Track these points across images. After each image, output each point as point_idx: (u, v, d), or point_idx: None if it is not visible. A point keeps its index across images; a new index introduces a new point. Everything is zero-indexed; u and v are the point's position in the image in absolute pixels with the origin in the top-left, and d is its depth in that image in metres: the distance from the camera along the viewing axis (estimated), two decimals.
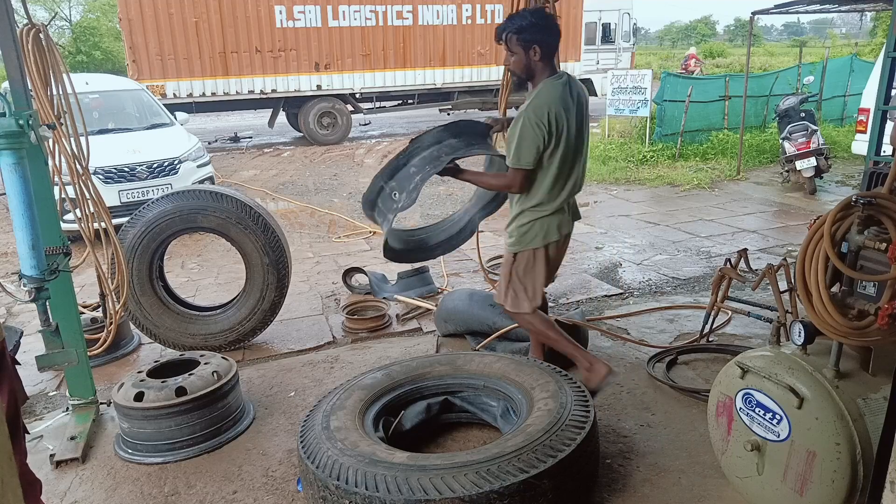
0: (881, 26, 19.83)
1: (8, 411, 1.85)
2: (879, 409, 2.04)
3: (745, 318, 4.33)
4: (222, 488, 2.81)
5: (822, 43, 38.93)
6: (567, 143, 2.94)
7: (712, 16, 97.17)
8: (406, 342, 4.33)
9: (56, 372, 3.87)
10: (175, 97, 12.84)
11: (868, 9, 11.97)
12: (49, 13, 22.21)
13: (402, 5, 14.77)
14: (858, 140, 8.08)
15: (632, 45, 19.30)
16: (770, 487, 2.29)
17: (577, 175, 3.09)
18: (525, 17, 2.98)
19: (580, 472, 2.41)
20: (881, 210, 1.99)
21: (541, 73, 3.01)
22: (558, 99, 2.90)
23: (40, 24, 3.10)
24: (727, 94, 11.43)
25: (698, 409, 3.27)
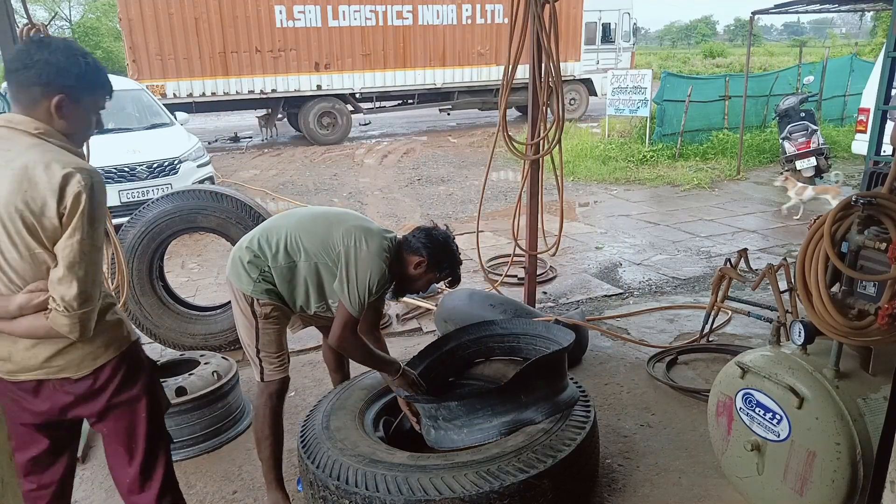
0: (881, 26, 19.82)
1: (147, 415, 1.87)
2: (879, 409, 2.04)
3: (745, 318, 4.33)
4: (222, 488, 2.81)
5: (822, 43, 38.94)
6: None
7: (712, 16, 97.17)
8: (406, 342, 4.33)
9: None
10: (175, 97, 12.84)
11: (868, 9, 11.97)
12: (49, 13, 22.23)
13: (402, 5, 14.76)
14: (858, 140, 8.07)
15: (632, 45, 19.29)
16: (770, 487, 2.29)
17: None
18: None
19: (580, 472, 2.41)
20: (881, 210, 1.99)
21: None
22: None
23: (40, 24, 3.10)
24: (727, 94, 11.42)
25: (698, 409, 3.27)
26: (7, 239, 1.58)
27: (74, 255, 1.58)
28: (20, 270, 1.61)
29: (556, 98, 4.14)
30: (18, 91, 1.63)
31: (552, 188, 5.95)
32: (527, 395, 2.48)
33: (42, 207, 1.55)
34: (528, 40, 4.00)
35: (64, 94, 1.64)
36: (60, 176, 1.55)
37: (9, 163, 1.57)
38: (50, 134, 1.64)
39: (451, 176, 10.45)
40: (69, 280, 1.58)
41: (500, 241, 6.58)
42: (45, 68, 1.61)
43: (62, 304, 1.58)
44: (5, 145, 1.60)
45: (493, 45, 15.69)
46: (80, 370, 1.73)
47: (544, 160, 4.44)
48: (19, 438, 1.83)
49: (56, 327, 1.61)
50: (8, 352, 1.70)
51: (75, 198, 1.56)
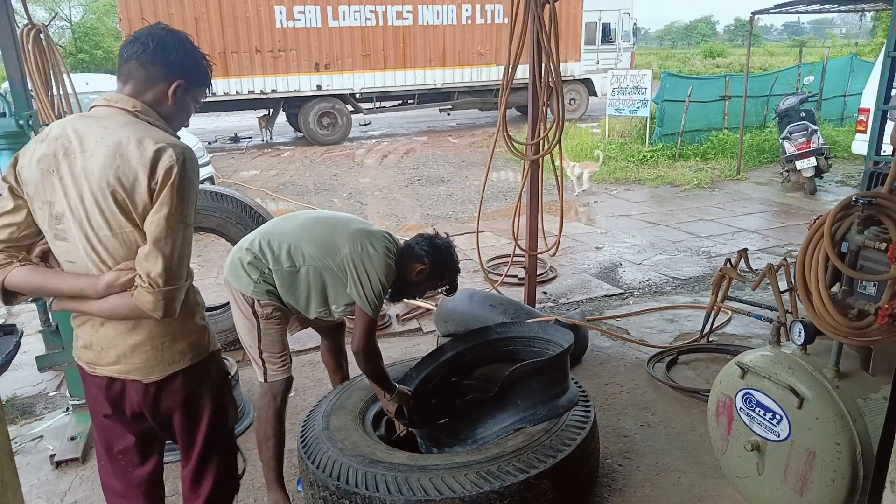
0: (881, 26, 19.82)
1: (207, 427, 1.83)
2: (879, 409, 2.04)
3: (745, 318, 4.33)
4: None
5: (822, 43, 38.93)
6: None
7: (712, 16, 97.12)
8: (406, 342, 4.33)
9: (56, 372, 3.86)
10: None
11: (868, 9, 11.97)
12: (49, 13, 22.22)
13: (402, 5, 14.76)
14: (858, 140, 8.07)
15: (632, 45, 19.30)
16: (770, 487, 2.29)
17: None
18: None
19: (580, 472, 2.42)
20: (881, 210, 1.99)
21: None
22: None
23: (40, 25, 3.11)
24: (727, 94, 11.42)
25: (698, 409, 3.27)
26: (100, 215, 1.55)
27: (161, 229, 1.53)
28: (111, 249, 1.58)
29: (556, 98, 4.14)
30: (139, 68, 1.62)
31: (552, 188, 5.96)
32: (524, 400, 2.49)
33: (133, 183, 1.52)
34: (528, 40, 4.00)
35: (183, 80, 1.66)
36: (152, 151, 1.53)
37: (104, 139, 1.55)
38: (147, 113, 1.63)
39: (451, 176, 10.45)
40: (154, 255, 1.53)
41: (500, 241, 6.58)
42: (175, 52, 1.64)
43: (147, 280, 1.53)
44: (103, 123, 1.59)
45: (493, 45, 15.69)
46: (151, 375, 1.69)
47: (544, 160, 4.44)
48: (103, 431, 1.81)
49: (140, 305, 1.55)
50: (90, 338, 1.69)
51: (166, 172, 1.53)
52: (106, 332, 1.66)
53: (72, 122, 1.61)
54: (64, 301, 1.67)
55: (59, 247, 1.62)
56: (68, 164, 1.56)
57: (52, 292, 1.66)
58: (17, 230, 1.62)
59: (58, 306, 1.69)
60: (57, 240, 1.61)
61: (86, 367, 1.74)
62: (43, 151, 1.58)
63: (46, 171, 1.57)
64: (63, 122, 1.63)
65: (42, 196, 1.59)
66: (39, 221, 1.62)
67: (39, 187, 1.58)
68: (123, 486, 1.85)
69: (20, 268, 1.62)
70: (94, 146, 1.55)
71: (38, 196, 1.59)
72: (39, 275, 1.63)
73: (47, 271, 1.64)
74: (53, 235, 1.61)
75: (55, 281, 1.63)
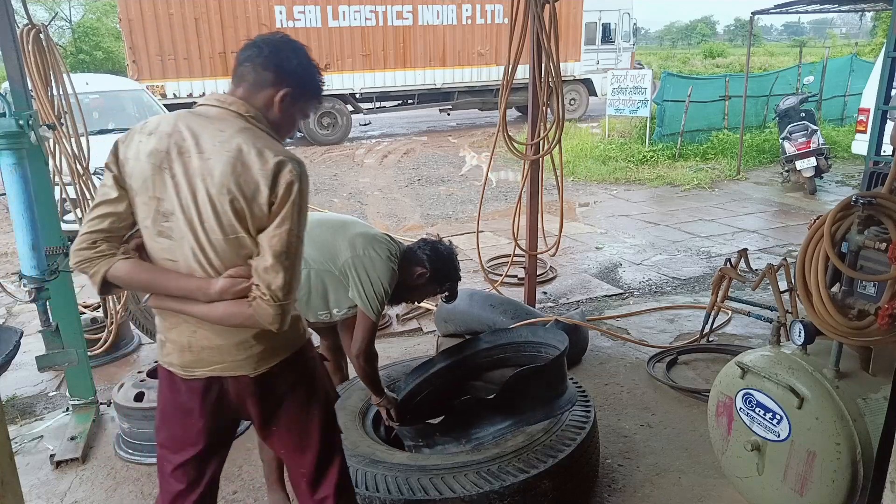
0: (881, 26, 19.81)
1: (320, 412, 1.82)
2: (879, 409, 2.04)
3: (745, 318, 4.33)
4: (222, 488, 2.78)
5: (822, 43, 38.92)
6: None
7: (712, 16, 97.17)
8: (406, 342, 4.33)
9: (56, 372, 3.86)
10: (175, 97, 12.83)
11: (868, 9, 11.97)
12: (49, 13, 22.20)
13: (402, 5, 14.76)
14: (858, 140, 8.07)
15: (632, 45, 19.29)
16: (770, 487, 2.29)
17: None
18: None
19: (580, 472, 2.42)
20: (881, 210, 1.99)
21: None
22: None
23: (40, 25, 3.11)
24: (727, 94, 11.42)
25: (698, 409, 3.27)
26: (214, 218, 1.53)
27: (283, 245, 1.53)
28: (220, 252, 1.56)
29: (556, 98, 4.14)
30: (251, 71, 1.63)
31: (552, 188, 5.95)
32: (522, 402, 2.48)
33: (254, 193, 1.52)
34: (528, 40, 4.00)
35: (291, 89, 1.64)
36: (273, 163, 1.52)
37: (223, 143, 1.53)
38: (259, 119, 1.62)
39: (451, 176, 10.45)
40: (276, 270, 1.53)
41: (500, 241, 6.58)
42: (289, 61, 1.64)
43: (268, 294, 1.53)
44: (218, 125, 1.57)
45: (493, 45, 15.69)
46: (259, 367, 1.68)
47: (544, 160, 4.44)
48: (175, 439, 1.77)
49: (259, 317, 1.55)
50: (188, 340, 1.65)
51: (287, 187, 1.52)
52: (205, 332, 1.64)
53: (183, 118, 1.59)
54: (166, 300, 1.63)
55: (161, 243, 1.59)
56: (182, 163, 1.54)
57: (158, 290, 1.62)
58: (118, 220, 1.60)
59: (157, 303, 1.65)
60: (160, 237, 1.59)
61: (181, 372, 1.69)
62: (154, 146, 1.56)
63: (158, 166, 1.55)
64: (173, 117, 1.61)
65: (150, 191, 1.56)
66: (141, 216, 1.59)
67: (148, 182, 1.55)
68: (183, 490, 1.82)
69: (125, 261, 1.59)
70: (212, 149, 1.53)
71: (145, 191, 1.56)
72: (146, 271, 1.61)
73: (154, 268, 1.61)
74: (157, 232, 1.58)
75: (163, 279, 1.60)
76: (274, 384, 1.72)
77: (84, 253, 1.58)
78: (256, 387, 1.70)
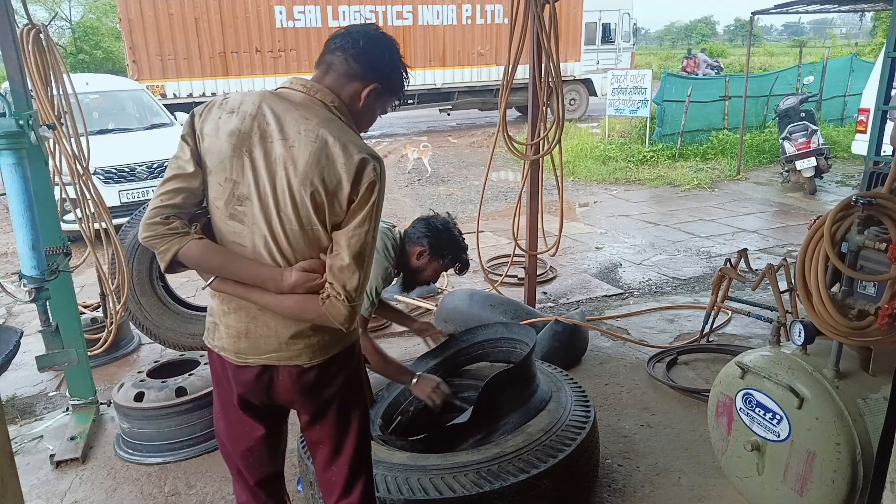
0: (881, 26, 19.80)
1: (360, 415, 1.81)
2: (879, 409, 2.04)
3: (745, 318, 4.33)
4: (222, 488, 2.81)
5: (822, 43, 38.91)
6: None
7: (712, 16, 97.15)
8: (406, 342, 4.33)
9: (56, 372, 3.87)
10: (175, 97, 12.83)
11: (868, 9, 11.97)
12: (49, 13, 22.19)
13: (402, 5, 14.76)
14: (858, 140, 8.08)
15: (632, 45, 19.29)
16: (770, 487, 2.29)
17: None
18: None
19: (580, 472, 2.41)
20: (881, 210, 1.99)
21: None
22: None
23: (40, 25, 3.10)
24: (727, 94, 11.43)
25: (698, 409, 3.27)
26: (292, 208, 1.50)
27: (362, 245, 1.51)
28: (293, 242, 1.53)
29: (556, 98, 4.14)
30: (343, 62, 1.58)
31: (552, 188, 5.95)
32: (498, 413, 2.47)
33: (336, 188, 1.48)
34: (528, 40, 4.00)
35: (379, 84, 1.62)
36: (357, 160, 1.49)
37: (307, 133, 1.49)
38: (343, 111, 1.59)
39: (451, 176, 10.45)
40: (352, 270, 1.50)
41: (500, 241, 6.58)
42: (381, 56, 1.61)
43: (343, 294, 1.50)
44: (304, 113, 1.52)
45: (493, 45, 15.68)
46: (314, 358, 1.64)
47: (544, 160, 4.44)
48: (232, 427, 1.75)
49: (331, 315, 1.52)
50: (246, 326, 1.61)
51: (369, 186, 1.49)
52: (266, 320, 1.60)
53: (267, 100, 1.54)
54: (232, 285, 1.58)
55: (232, 227, 1.55)
56: (264, 148, 1.50)
57: (229, 276, 1.57)
58: (192, 196, 1.55)
59: (221, 288, 1.61)
60: (231, 220, 1.54)
61: (233, 358, 1.65)
62: (235, 125, 1.51)
63: (238, 148, 1.51)
64: (256, 98, 1.55)
65: (226, 172, 1.52)
66: (214, 196, 1.55)
67: (226, 163, 1.51)
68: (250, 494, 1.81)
69: (198, 241, 1.54)
70: (297, 137, 1.49)
71: (221, 171, 1.52)
72: (219, 255, 1.56)
73: (227, 252, 1.57)
74: (229, 215, 1.54)
75: (235, 265, 1.56)
76: (325, 377, 1.69)
77: (157, 228, 1.52)
78: (308, 378, 1.66)
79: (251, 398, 1.71)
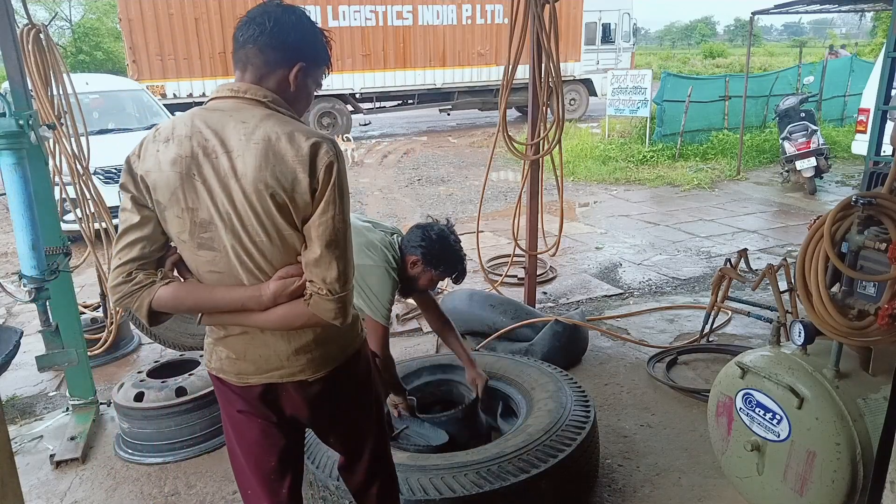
0: (881, 26, 19.81)
1: (375, 417, 1.79)
2: (879, 409, 2.04)
3: (745, 318, 4.33)
4: (222, 488, 2.81)
5: (822, 43, 38.92)
6: None
7: (712, 16, 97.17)
8: (406, 342, 4.32)
9: (56, 372, 3.87)
10: (175, 97, 12.83)
11: (868, 9, 11.96)
12: (49, 13, 22.20)
13: (402, 5, 14.76)
14: (858, 140, 8.07)
15: (632, 45, 19.29)
16: (770, 487, 2.29)
17: None
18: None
19: (580, 472, 2.42)
20: (881, 210, 1.99)
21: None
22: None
23: (40, 25, 3.11)
24: (727, 94, 11.42)
25: (698, 409, 3.27)
26: (255, 220, 1.41)
27: (331, 232, 1.41)
28: (268, 254, 1.45)
29: (556, 98, 4.14)
30: (257, 53, 1.47)
31: (552, 188, 5.95)
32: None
33: (293, 183, 1.39)
34: (528, 40, 4.00)
35: (303, 62, 1.50)
36: (308, 147, 1.39)
37: (248, 136, 1.40)
38: (278, 103, 1.49)
39: (451, 176, 10.45)
40: (328, 261, 1.41)
41: (500, 241, 6.58)
42: (294, 32, 1.49)
43: (325, 288, 1.42)
44: (239, 116, 1.43)
45: (493, 45, 15.68)
46: (317, 372, 1.58)
47: (544, 160, 4.44)
48: (250, 449, 1.68)
49: (319, 314, 1.45)
50: (244, 348, 1.55)
51: (326, 169, 1.40)
52: (264, 339, 1.54)
53: (199, 116, 1.46)
54: (219, 316, 1.53)
55: (204, 256, 1.47)
56: (211, 166, 1.41)
57: (208, 309, 1.51)
58: (149, 243, 1.48)
59: (211, 322, 1.56)
60: (201, 249, 1.47)
61: (234, 380, 1.59)
62: (175, 153, 1.42)
63: (186, 174, 1.42)
64: (186, 117, 1.47)
65: (181, 203, 1.43)
66: (176, 231, 1.47)
67: (178, 193, 1.43)
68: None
69: (166, 286, 1.47)
70: (239, 144, 1.40)
71: (176, 203, 1.44)
72: (190, 292, 1.49)
73: (198, 287, 1.50)
74: (197, 245, 1.46)
75: (210, 297, 1.49)
76: (332, 389, 1.63)
77: (122, 288, 1.47)
78: (314, 391, 1.61)
79: (261, 416, 1.65)
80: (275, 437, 1.68)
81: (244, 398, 1.62)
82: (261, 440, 1.67)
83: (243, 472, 1.73)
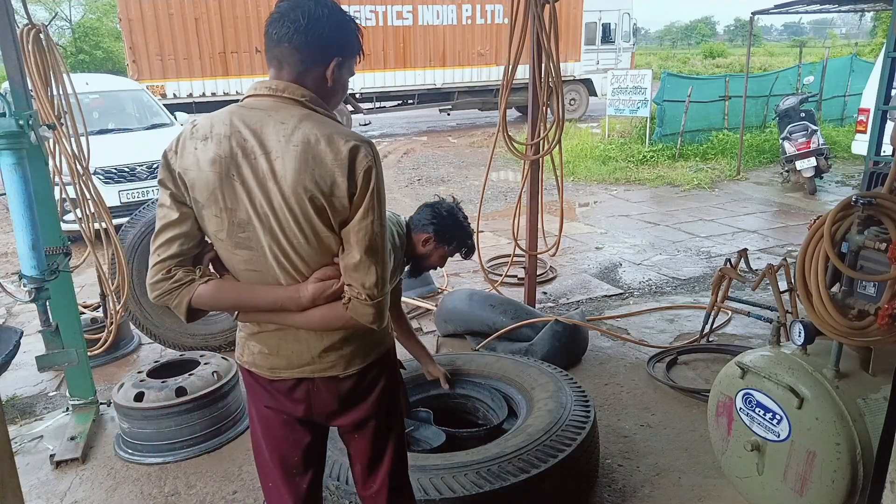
0: (881, 26, 19.80)
1: (396, 422, 1.79)
2: (879, 409, 2.04)
3: (745, 318, 4.33)
4: (222, 488, 2.81)
5: (822, 43, 38.92)
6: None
7: (712, 16, 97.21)
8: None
9: (56, 372, 3.87)
10: (175, 97, 12.84)
11: (868, 9, 11.97)
12: (49, 13, 22.20)
13: (402, 5, 14.76)
14: (858, 140, 8.07)
15: (632, 45, 19.29)
16: (770, 487, 2.29)
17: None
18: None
19: (580, 472, 2.42)
20: (881, 210, 1.99)
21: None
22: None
23: (40, 25, 3.10)
24: (727, 94, 11.43)
25: (698, 409, 3.27)
26: (294, 223, 1.42)
27: (370, 238, 1.42)
28: (305, 256, 1.46)
29: (556, 98, 4.14)
30: (292, 52, 1.44)
31: (552, 188, 5.95)
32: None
33: (332, 186, 1.39)
34: (528, 40, 4.00)
35: (340, 57, 1.49)
36: (347, 151, 1.39)
37: (287, 138, 1.39)
38: (315, 102, 1.47)
39: (451, 176, 10.45)
40: (367, 265, 1.43)
41: (500, 241, 6.58)
42: (327, 26, 1.45)
43: (364, 293, 1.43)
44: (278, 116, 1.42)
45: (493, 45, 15.69)
46: (349, 367, 1.59)
47: (544, 160, 4.44)
48: (278, 440, 1.69)
49: (358, 317, 1.46)
50: (277, 344, 1.56)
51: (365, 174, 1.40)
52: (297, 334, 1.55)
53: (237, 115, 1.45)
54: (257, 314, 1.54)
55: (241, 255, 1.48)
56: (250, 167, 1.41)
57: (246, 308, 1.53)
58: (188, 240, 1.49)
59: (247, 319, 1.57)
60: (238, 248, 1.48)
61: (266, 374, 1.61)
62: (213, 152, 1.42)
63: (225, 175, 1.42)
64: (225, 116, 1.46)
65: (220, 203, 1.44)
66: (214, 229, 1.48)
67: (217, 193, 1.43)
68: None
69: (206, 284, 1.48)
70: (278, 146, 1.40)
71: (214, 202, 1.44)
72: (230, 290, 1.51)
73: (239, 286, 1.51)
74: (234, 244, 1.47)
75: (250, 296, 1.50)
76: (363, 386, 1.64)
77: (161, 285, 1.48)
78: (346, 387, 1.62)
79: (290, 412, 1.65)
80: (300, 434, 1.69)
81: (273, 393, 1.64)
82: (287, 435, 1.69)
83: (266, 465, 1.75)
